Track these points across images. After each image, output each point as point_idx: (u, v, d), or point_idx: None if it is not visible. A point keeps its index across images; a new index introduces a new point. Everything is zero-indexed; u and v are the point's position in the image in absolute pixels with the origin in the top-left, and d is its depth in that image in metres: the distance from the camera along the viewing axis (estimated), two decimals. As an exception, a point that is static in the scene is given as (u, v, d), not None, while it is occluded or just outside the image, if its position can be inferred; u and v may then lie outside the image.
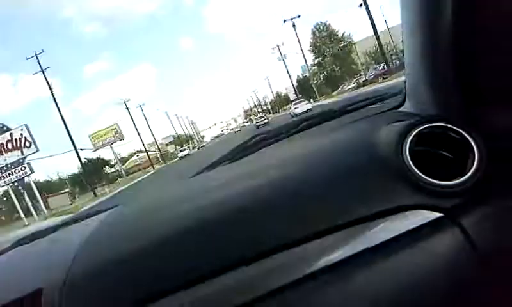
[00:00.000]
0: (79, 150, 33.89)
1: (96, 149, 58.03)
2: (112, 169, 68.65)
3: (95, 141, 57.39)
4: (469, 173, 0.55)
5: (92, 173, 63.16)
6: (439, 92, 0.67)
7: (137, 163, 75.33)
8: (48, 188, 64.17)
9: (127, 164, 77.95)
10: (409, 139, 0.60)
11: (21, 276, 0.75)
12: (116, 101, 64.00)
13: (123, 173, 62.53)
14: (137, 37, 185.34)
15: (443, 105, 0.66)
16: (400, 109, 0.88)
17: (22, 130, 28.75)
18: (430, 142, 0.61)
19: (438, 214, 0.55)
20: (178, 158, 59.38)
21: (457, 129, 0.59)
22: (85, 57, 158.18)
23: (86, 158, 65.29)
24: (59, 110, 33.62)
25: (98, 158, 65.34)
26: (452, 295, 0.52)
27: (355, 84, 39.26)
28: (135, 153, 79.58)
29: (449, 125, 0.59)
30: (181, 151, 65.13)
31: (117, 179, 59.08)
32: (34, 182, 29.22)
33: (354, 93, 30.84)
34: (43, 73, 35.20)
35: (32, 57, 34.84)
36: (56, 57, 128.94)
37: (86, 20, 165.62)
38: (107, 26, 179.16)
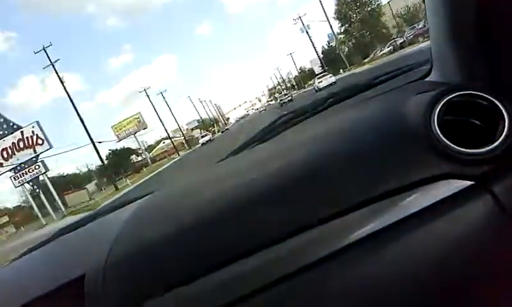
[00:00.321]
0: (97, 143, 32.21)
1: (120, 140, 57.10)
2: (140, 158, 67.96)
3: (118, 131, 56.39)
4: (499, 140, 0.54)
5: (117, 164, 62.90)
6: (465, 60, 0.66)
7: (163, 150, 74.57)
8: (76, 181, 64.38)
9: (153, 151, 77.40)
10: (438, 108, 0.59)
11: (65, 263, 0.81)
12: (139, 90, 62.37)
13: (149, 161, 61.59)
14: (157, 26, 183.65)
15: (470, 73, 0.65)
16: (427, 79, 0.86)
17: (33, 127, 27.32)
18: (458, 111, 0.60)
19: (468, 182, 0.55)
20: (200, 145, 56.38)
21: (487, 96, 0.58)
22: (107, 51, 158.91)
23: (110, 150, 65.21)
24: (73, 102, 32.10)
25: (122, 149, 64.73)
26: (485, 260, 0.52)
27: (390, 48, 35.16)
28: (161, 140, 78.78)
29: (478, 93, 0.58)
30: (202, 137, 60.99)
31: (142, 168, 57.95)
32: (62, 175, 27.93)
33: (392, 57, 27.31)
34: (53, 66, 33.62)
35: (40, 51, 33.29)
36: (79, 52, 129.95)
37: (107, 14, 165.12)
38: (127, 19, 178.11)
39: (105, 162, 63.39)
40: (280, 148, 0.84)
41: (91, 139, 30.95)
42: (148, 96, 59.03)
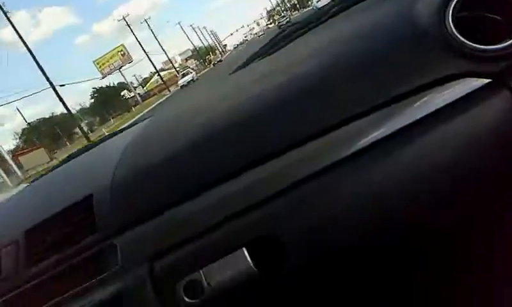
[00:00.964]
0: (57, 87, 27.00)
1: (104, 77, 51.62)
2: (132, 93, 62.91)
3: (101, 67, 50.69)
4: None
5: (105, 103, 58.24)
6: None
7: (158, 83, 68.95)
8: (64, 122, 60.20)
9: (148, 85, 71.92)
10: (452, 4, 0.56)
11: (71, 186, 0.84)
12: (117, 19, 55.06)
13: (138, 98, 56.45)
14: None
15: None
16: None
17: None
18: (473, 7, 0.57)
19: (486, 80, 0.53)
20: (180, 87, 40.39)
21: None
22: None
23: (93, 88, 60.07)
24: (22, 39, 26.28)
25: (108, 86, 59.51)
26: (504, 155, 0.52)
27: None
28: (155, 73, 72.90)
29: None
30: (183, 75, 44.80)
31: (132, 107, 52.97)
32: (52, 116, 23.26)
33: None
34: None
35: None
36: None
37: None
38: None
39: (92, 101, 58.88)
40: (286, 60, 0.82)
41: (50, 82, 25.80)
42: (128, 25, 52.27)
